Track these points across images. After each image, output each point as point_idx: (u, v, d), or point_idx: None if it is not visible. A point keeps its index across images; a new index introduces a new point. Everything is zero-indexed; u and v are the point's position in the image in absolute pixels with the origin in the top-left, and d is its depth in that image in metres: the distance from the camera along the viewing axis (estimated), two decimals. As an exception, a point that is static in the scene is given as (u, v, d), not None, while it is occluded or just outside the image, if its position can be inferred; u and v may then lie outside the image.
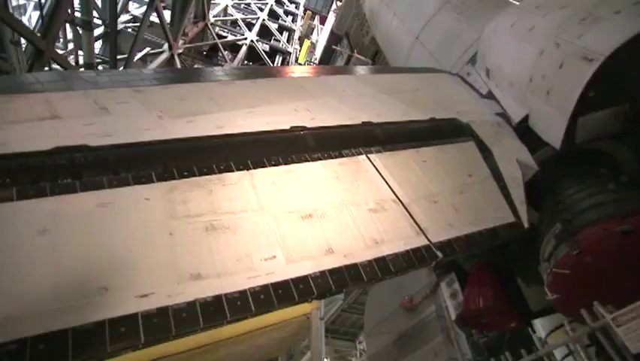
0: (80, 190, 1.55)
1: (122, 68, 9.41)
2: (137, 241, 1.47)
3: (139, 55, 11.12)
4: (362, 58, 12.43)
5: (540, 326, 3.29)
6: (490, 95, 3.13)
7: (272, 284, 1.50)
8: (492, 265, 2.97)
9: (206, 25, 14.98)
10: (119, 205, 1.56)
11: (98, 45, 11.28)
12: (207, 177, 1.81)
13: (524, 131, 2.65)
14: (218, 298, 1.40)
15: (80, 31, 9.11)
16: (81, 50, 9.49)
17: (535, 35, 2.64)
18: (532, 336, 2.64)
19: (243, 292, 1.44)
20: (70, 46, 11.07)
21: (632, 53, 1.92)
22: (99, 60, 10.65)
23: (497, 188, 2.35)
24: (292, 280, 1.54)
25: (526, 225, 2.21)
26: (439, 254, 1.86)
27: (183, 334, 1.32)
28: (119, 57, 9.74)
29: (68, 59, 9.19)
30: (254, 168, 1.92)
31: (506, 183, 2.37)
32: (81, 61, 9.51)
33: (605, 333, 1.84)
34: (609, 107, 2.15)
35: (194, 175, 1.79)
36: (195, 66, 13.25)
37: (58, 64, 7.51)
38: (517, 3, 4.03)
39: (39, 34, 6.61)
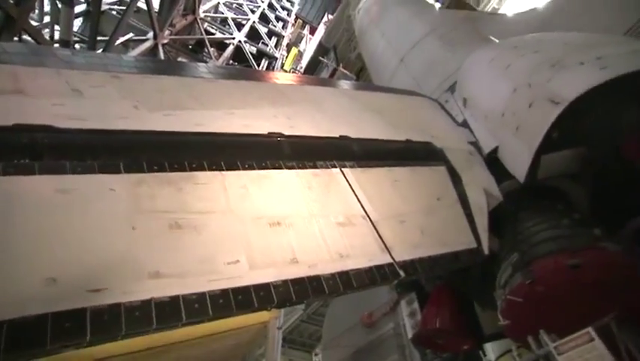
0: (38, 173, 1.46)
1: (100, 51, 9.05)
2: (96, 233, 1.40)
3: (121, 39, 10.74)
4: (347, 72, 12.64)
5: (490, 350, 3.40)
6: (465, 124, 3.26)
7: (232, 289, 1.47)
8: (452, 287, 3.06)
9: (196, 19, 14.75)
10: (79, 193, 1.48)
11: (77, 23, 10.79)
12: (178, 173, 1.77)
13: (493, 161, 2.77)
14: (175, 299, 1.35)
15: (59, 5, 8.65)
16: (58, 25, 8.98)
17: (510, 73, 2.79)
18: (482, 359, 2.73)
19: (201, 295, 1.40)
20: (47, 19, 10.49)
21: (590, 103, 2.08)
22: (77, 39, 10.16)
23: (463, 214, 2.43)
24: (254, 286, 1.51)
25: (486, 252, 2.30)
26: (402, 273, 1.89)
27: (134, 334, 1.26)
28: (99, 39, 9.32)
29: (43, 32, 8.68)
30: (227, 170, 1.89)
31: (472, 210, 2.46)
32: (57, 37, 9.01)
33: (548, 360, 1.93)
34: (569, 149, 2.30)
35: (164, 170, 1.74)
36: (179, 59, 12.99)
37: (30, 36, 7.04)
38: (497, 41, 4.26)
39: (12, 1, 6.20)
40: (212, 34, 15.80)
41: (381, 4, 8.50)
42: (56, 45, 8.54)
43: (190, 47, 15.32)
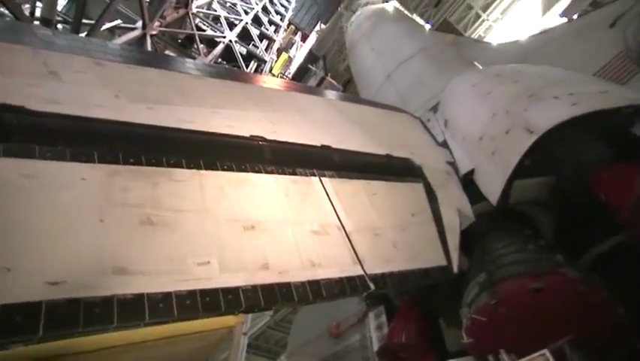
0: (3, 155, 1.38)
1: (84, 35, 8.75)
2: (60, 222, 1.33)
3: (107, 25, 10.43)
4: (334, 82, 12.79)
5: (453, 367, 3.45)
6: (444, 144, 3.35)
7: (201, 291, 1.43)
8: (419, 303, 3.10)
9: (188, 13, 14.56)
10: (47, 180, 1.42)
11: (62, 2, 10.39)
12: (155, 168, 1.72)
13: (468, 183, 2.85)
14: (139, 297, 1.30)
15: (44, -19, 8.27)
16: (40, 1, 8.61)
17: (491, 99, 2.90)
18: (444, 376, 2.77)
19: (167, 295, 1.35)
20: (28, -6, 10.02)
21: (560, 135, 2.20)
22: (60, 19, 9.78)
23: (436, 231, 2.48)
24: (222, 289, 1.48)
25: (455, 270, 2.35)
26: (372, 286, 1.90)
27: (92, 331, 1.20)
28: (84, 21, 9.00)
29: (23, 7, 8.27)
30: (205, 169, 1.86)
31: (444, 228, 2.51)
32: (38, 14, 8.62)
33: (507, 379, 1.98)
34: (540, 177, 2.40)
35: (141, 164, 1.70)
36: (166, 52, 12.76)
37: (8, 9, 6.69)
38: (481, 67, 4.42)
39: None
40: (203, 30, 15.63)
41: (374, 19, 8.68)
42: (36, 23, 8.18)
43: (179, 41, 15.08)
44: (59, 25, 9.65)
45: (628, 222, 1.85)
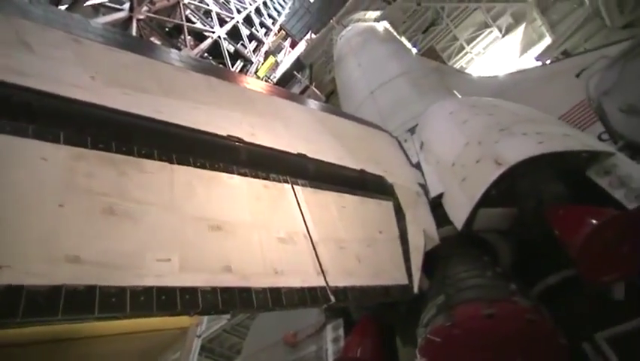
0: None
1: (65, 8, 8.37)
2: (11, 202, 1.25)
3: (92, 1, 10.04)
4: (318, 92, 12.91)
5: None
6: (418, 166, 3.44)
7: (157, 288, 1.37)
8: (378, 319, 3.13)
9: (178, 2, 14.32)
10: (1, 154, 1.33)
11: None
12: (125, 157, 1.66)
13: (437, 206, 2.93)
14: (91, 289, 1.23)
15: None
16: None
17: (466, 128, 3.02)
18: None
19: (122, 289, 1.29)
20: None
21: (525, 170, 2.32)
22: (41, -10, 9.35)
23: (400, 250, 2.52)
24: (180, 288, 1.42)
25: (416, 290, 2.39)
26: (333, 299, 1.89)
27: (32, 322, 1.12)
28: (66, -6, 8.66)
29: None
30: (177, 164, 1.81)
31: (409, 248, 2.56)
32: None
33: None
34: (503, 208, 2.51)
35: (110, 151, 1.63)
36: (152, 39, 12.43)
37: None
38: (459, 96, 4.62)
39: None
40: (193, 23, 15.40)
41: (364, 36, 8.87)
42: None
43: (167, 29, 14.76)
44: (39, -4, 9.21)
45: (576, 258, 1.97)
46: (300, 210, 2.17)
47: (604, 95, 2.82)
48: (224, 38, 16.09)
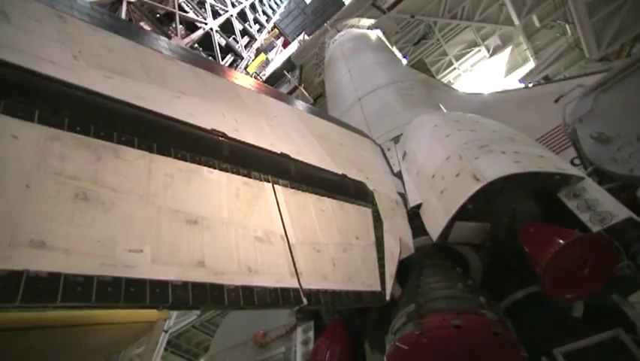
0: None
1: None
2: None
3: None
4: (306, 94, 12.92)
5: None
6: (399, 175, 3.49)
7: (126, 279, 1.32)
8: (348, 323, 3.15)
9: (171, -10, 14.06)
10: None
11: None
12: (103, 142, 1.61)
13: (414, 215, 2.98)
14: (55, 276, 1.17)
15: None
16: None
17: (448, 142, 3.09)
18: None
19: (89, 278, 1.24)
20: None
21: (501, 187, 2.40)
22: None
23: (376, 257, 2.54)
24: (150, 281, 1.38)
25: (388, 297, 2.42)
26: (305, 301, 1.88)
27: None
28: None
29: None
30: (157, 154, 1.77)
31: (384, 255, 2.59)
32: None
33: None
34: (477, 222, 2.58)
35: (88, 135, 1.57)
36: (141, 24, 12.14)
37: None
38: (444, 110, 4.72)
39: None
40: (186, 11, 15.14)
41: (356, 43, 8.96)
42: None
43: (158, 15, 14.45)
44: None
45: (541, 275, 2.04)
46: (279, 210, 2.15)
47: (578, 122, 2.95)
48: (217, 31, 15.88)
